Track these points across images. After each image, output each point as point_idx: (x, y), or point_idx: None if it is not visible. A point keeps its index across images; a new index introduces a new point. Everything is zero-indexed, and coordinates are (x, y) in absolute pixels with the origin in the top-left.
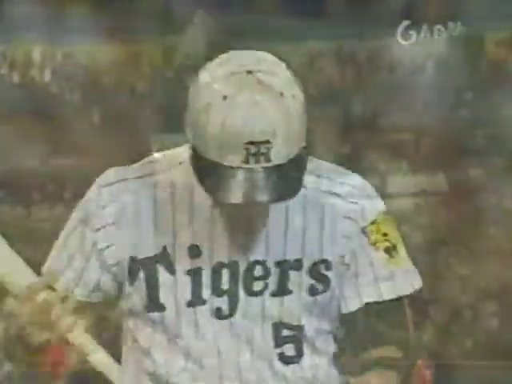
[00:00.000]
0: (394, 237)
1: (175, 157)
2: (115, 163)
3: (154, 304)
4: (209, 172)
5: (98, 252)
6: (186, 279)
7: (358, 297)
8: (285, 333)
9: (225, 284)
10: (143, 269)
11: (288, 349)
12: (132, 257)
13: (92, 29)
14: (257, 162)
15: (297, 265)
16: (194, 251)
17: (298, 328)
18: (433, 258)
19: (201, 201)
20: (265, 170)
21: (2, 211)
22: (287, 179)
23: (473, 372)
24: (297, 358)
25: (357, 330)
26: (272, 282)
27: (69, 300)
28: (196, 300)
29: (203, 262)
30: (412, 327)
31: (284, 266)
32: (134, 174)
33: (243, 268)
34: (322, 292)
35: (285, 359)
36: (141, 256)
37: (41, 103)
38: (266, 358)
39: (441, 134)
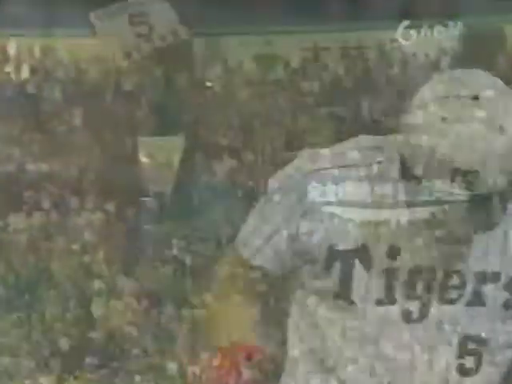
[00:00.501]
0: None
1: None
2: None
3: (344, 295)
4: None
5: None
6: (381, 277)
7: None
8: (470, 345)
9: (419, 288)
10: (340, 260)
11: (468, 361)
12: (331, 245)
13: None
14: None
15: (495, 277)
16: (393, 251)
17: (484, 341)
18: None
19: None
20: (469, 198)
21: None
22: (491, 209)
23: None
24: (474, 371)
25: None
26: (467, 293)
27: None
28: (387, 299)
29: (400, 264)
30: None
31: (482, 278)
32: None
33: (440, 275)
34: None
35: (463, 371)
36: (340, 247)
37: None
38: (444, 368)
39: None
